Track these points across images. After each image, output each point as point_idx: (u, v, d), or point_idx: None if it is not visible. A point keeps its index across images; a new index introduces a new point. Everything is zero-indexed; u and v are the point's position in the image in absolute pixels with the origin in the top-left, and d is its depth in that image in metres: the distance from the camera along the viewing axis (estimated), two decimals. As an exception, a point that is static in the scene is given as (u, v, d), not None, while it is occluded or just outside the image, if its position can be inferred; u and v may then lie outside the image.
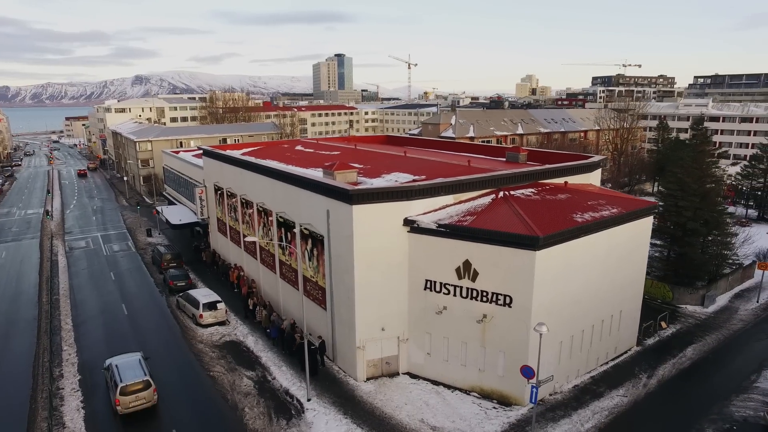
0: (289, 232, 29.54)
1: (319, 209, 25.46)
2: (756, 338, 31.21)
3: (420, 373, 25.59)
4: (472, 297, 23.26)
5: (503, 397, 23.58)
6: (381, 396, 23.95)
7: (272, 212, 31.24)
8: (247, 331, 30.66)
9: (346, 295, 24.56)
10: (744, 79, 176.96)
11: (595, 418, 22.67)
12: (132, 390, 22.09)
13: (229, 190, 38.01)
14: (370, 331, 24.69)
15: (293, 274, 29.74)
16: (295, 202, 28.10)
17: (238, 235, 37.74)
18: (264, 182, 31.63)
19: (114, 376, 22.64)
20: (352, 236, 23.23)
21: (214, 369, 26.47)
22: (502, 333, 22.91)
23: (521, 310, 22.25)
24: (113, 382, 22.55)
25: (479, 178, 26.01)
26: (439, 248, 23.58)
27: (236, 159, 35.52)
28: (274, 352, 28.21)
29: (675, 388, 25.45)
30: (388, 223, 23.82)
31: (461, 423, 22.04)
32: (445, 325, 24.23)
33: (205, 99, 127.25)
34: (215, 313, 31.36)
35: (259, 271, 34.71)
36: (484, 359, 23.72)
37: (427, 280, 24.23)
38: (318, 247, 26.46)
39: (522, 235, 21.54)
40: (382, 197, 23.33)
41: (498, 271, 22.42)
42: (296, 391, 24.40)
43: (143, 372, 22.96)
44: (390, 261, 24.24)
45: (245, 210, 35.63)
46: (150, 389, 22.56)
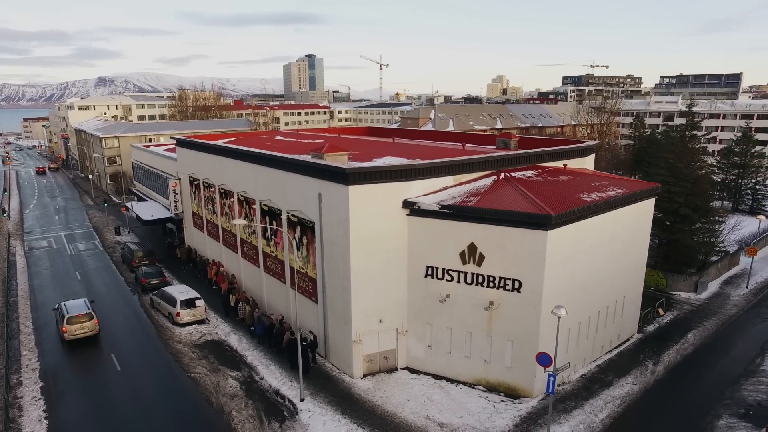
0: (274, 221, 27.48)
1: (310, 193, 23.55)
2: (752, 323, 30.88)
3: (420, 368, 23.92)
4: (478, 283, 21.76)
5: (511, 389, 22.14)
6: (380, 393, 22.18)
7: (255, 201, 29.10)
8: (229, 330, 28.41)
9: (341, 285, 22.71)
10: (706, 79, 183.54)
11: (608, 408, 21.47)
12: (76, 321, 26.57)
13: (206, 181, 35.59)
14: (367, 324, 22.90)
15: (279, 266, 27.68)
16: (281, 188, 26.08)
17: (216, 228, 35.35)
18: (246, 169, 29.47)
19: (62, 311, 27.08)
20: (348, 220, 21.41)
21: (195, 370, 24.17)
22: (510, 321, 21.47)
23: (531, 295, 20.86)
24: (61, 315, 26.95)
25: (480, 159, 24.61)
26: (442, 231, 22.01)
27: (215, 146, 33.20)
28: (260, 350, 26.08)
29: (683, 375, 24.59)
30: (387, 205, 22.11)
31: (470, 418, 20.48)
32: (448, 315, 22.66)
33: (174, 97, 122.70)
34: (194, 310, 28.98)
35: (240, 265, 32.45)
36: (491, 350, 22.24)
37: (429, 266, 22.62)
38: (308, 235, 24.52)
39: (533, 213, 20.17)
40: (379, 177, 21.60)
41: (506, 254, 20.99)
42: (287, 391, 22.39)
43: (87, 308, 27.52)
44: (388, 247, 22.52)
45: (224, 201, 33.31)
46: (92, 320, 27.03)
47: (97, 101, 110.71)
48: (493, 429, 19.83)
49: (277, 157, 25.94)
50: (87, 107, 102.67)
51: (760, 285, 37.31)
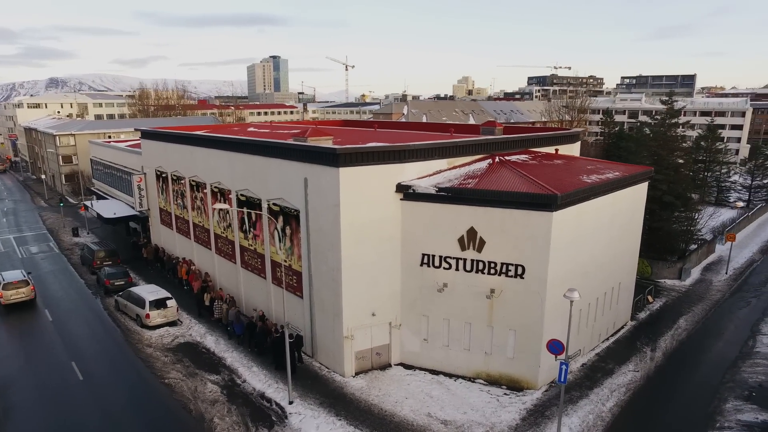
0: (253, 212, 25.50)
1: (295, 179, 21.77)
2: (737, 306, 30.95)
3: (416, 363, 22.46)
4: (478, 270, 20.50)
5: (513, 382, 20.96)
6: (376, 391, 20.59)
7: (231, 192, 27.02)
8: (205, 331, 26.20)
9: (330, 277, 21.02)
10: (664, 80, 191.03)
11: (614, 396, 20.58)
12: (12, 286, 28.95)
13: (175, 174, 33.13)
14: (358, 318, 21.28)
15: (259, 260, 25.70)
16: (261, 176, 24.16)
17: (186, 224, 32.94)
18: (220, 158, 27.35)
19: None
20: (339, 205, 19.77)
21: (169, 376, 21.94)
22: (512, 309, 20.29)
23: (535, 281, 19.74)
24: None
25: (474, 141, 23.44)
26: (439, 216, 20.65)
27: (185, 136, 30.87)
28: (239, 351, 24.04)
29: (681, 359, 24.09)
30: (379, 189, 20.59)
31: (474, 414, 19.14)
32: (446, 305, 21.30)
33: (134, 96, 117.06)
34: (165, 311, 26.61)
35: (214, 262, 30.21)
36: (491, 341, 21.01)
37: (424, 254, 21.21)
38: (292, 225, 22.71)
39: (538, 194, 19.05)
40: (372, 159, 20.06)
41: (508, 238, 19.80)
42: (273, 393, 20.50)
43: (23, 275, 30.02)
44: (381, 234, 20.99)
45: (195, 194, 31.00)
46: (28, 287, 29.41)
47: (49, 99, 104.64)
48: (500, 424, 18.57)
49: (257, 142, 24.03)
50: (38, 105, 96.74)
51: (737, 271, 37.74)
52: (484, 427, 18.35)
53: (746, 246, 43.82)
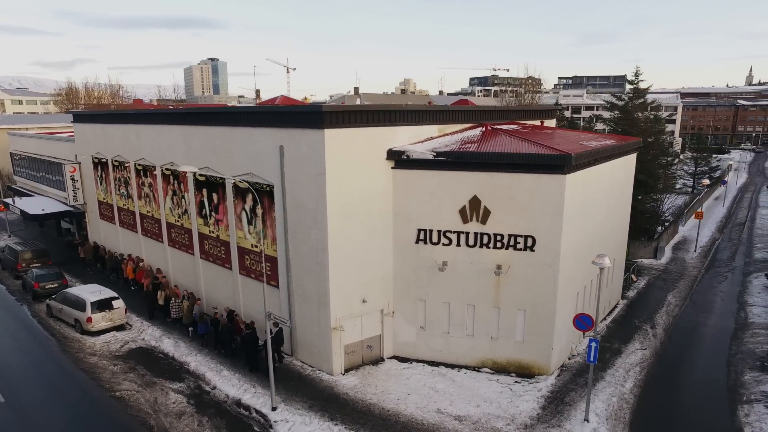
0: (214, 194, 22.11)
1: (268, 148, 18.73)
2: (717, 281, 30.86)
3: (412, 355, 19.95)
4: (482, 244, 18.30)
5: (524, 368, 18.91)
6: (372, 389, 17.87)
7: (186, 173, 23.43)
8: (160, 333, 22.45)
9: (314, 259, 18.13)
10: (598, 80, 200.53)
11: (631, 377, 19.00)
12: None
13: (117, 160, 28.90)
14: (348, 305, 18.50)
15: (223, 248, 22.32)
16: (224, 150, 20.87)
17: (132, 216, 28.78)
18: (173, 135, 23.71)
19: None
20: (324, 174, 16.95)
21: (120, 387, 18.17)
22: (521, 286, 18.24)
23: (547, 252, 17.78)
24: None
25: (466, 108, 21.44)
26: (437, 185, 18.30)
27: (131, 114, 26.90)
28: (204, 354, 20.57)
29: (683, 335, 23.09)
30: (368, 156, 17.97)
31: (489, 406, 16.87)
32: (446, 287, 18.95)
33: (61, 94, 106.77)
34: (111, 313, 22.61)
35: (167, 256, 26.36)
36: (498, 324, 18.86)
37: (421, 229, 18.77)
38: (264, 203, 19.62)
39: (551, 154, 17.10)
40: (360, 120, 17.40)
41: (516, 206, 17.74)
42: (251, 399, 17.33)
43: None
44: (371, 208, 18.36)
45: (143, 180, 27.02)
46: None
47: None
48: (519, 415, 16.39)
49: (221, 110, 20.79)
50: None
51: (704, 249, 38.12)
52: (503, 420, 16.10)
53: (704, 226, 44.76)
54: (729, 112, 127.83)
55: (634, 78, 36.45)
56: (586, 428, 15.62)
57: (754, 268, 32.71)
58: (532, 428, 15.75)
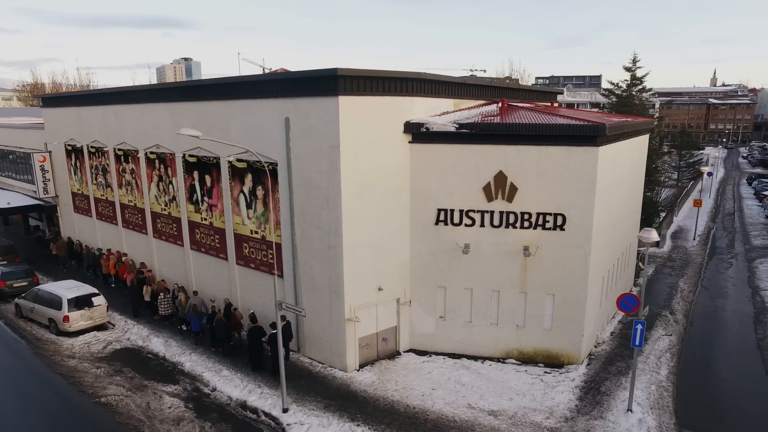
0: (207, 176, 20.15)
1: (271, 122, 16.94)
2: (723, 267, 30.39)
3: (430, 347, 18.40)
4: (508, 224, 16.91)
5: (552, 358, 17.57)
6: (392, 385, 16.23)
7: (174, 155, 21.40)
8: (148, 332, 20.32)
9: (325, 243, 16.40)
10: (574, 80, 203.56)
11: (664, 364, 17.89)
12: None
13: (93, 146, 26.52)
14: (363, 294, 16.83)
15: (217, 237, 20.36)
16: (220, 126, 18.92)
17: (111, 207, 26.44)
18: (159, 114, 21.62)
19: None
20: (338, 146, 15.28)
21: (106, 392, 16.04)
22: (550, 268, 16.90)
23: (578, 231, 16.50)
24: None
25: (484, 82, 20.00)
26: (459, 161, 16.82)
27: (110, 93, 24.59)
28: (200, 353, 18.58)
29: (705, 320, 22.34)
30: (384, 128, 16.37)
31: (522, 399, 15.44)
32: (468, 272, 17.48)
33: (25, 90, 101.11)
34: (91, 311, 20.37)
35: (151, 249, 24.16)
36: (525, 310, 17.48)
37: (441, 209, 17.26)
38: (266, 183, 17.79)
39: (583, 125, 15.83)
40: (377, 87, 15.76)
41: (545, 181, 16.41)
42: (258, 401, 15.48)
43: None
44: (387, 186, 16.76)
45: (124, 166, 24.76)
46: None
47: None
48: (557, 408, 15.01)
49: (215, 82, 18.78)
50: None
51: (702, 237, 37.82)
52: (541, 413, 14.69)
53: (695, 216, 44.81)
54: (701, 111, 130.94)
55: (632, 65, 35.84)
56: (632, 419, 14.35)
57: (756, 254, 32.40)
58: (573, 421, 14.39)
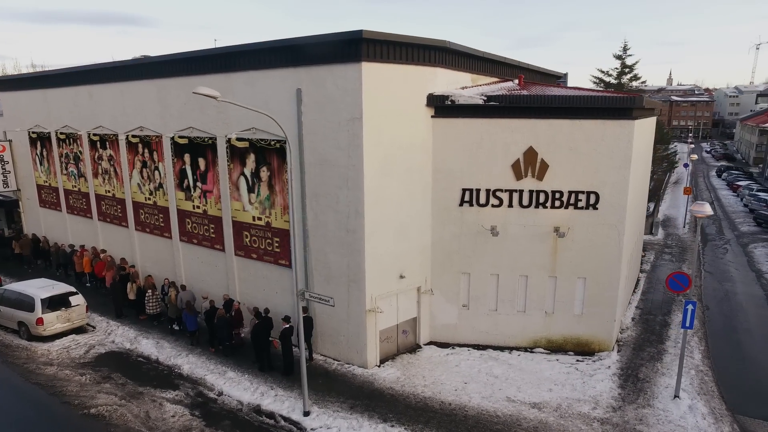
0: (201, 159, 18.26)
1: (278, 95, 15.28)
2: (720, 253, 30.63)
3: (452, 339, 17.13)
4: (538, 203, 15.83)
5: (582, 345, 16.60)
6: (420, 381, 14.87)
7: (161, 137, 19.38)
8: (135, 333, 18.24)
9: (343, 227, 14.89)
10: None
11: (694, 347, 17.22)
12: None
13: (63, 132, 24.04)
14: (384, 282, 15.39)
15: (212, 227, 18.49)
16: (217, 103, 17.09)
17: (85, 199, 24.02)
18: (144, 91, 19.53)
19: None
20: (361, 118, 13.81)
21: (96, 402, 14.01)
22: (582, 251, 15.92)
23: (612, 211, 15.57)
24: None
25: (500, 59, 18.74)
26: (486, 136, 15.62)
27: (82, 70, 22.15)
28: (197, 354, 16.72)
29: (721, 303, 22.03)
30: (406, 101, 15.00)
31: (562, 389, 14.37)
32: (494, 256, 16.31)
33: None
34: (68, 312, 18.14)
35: (132, 243, 21.97)
36: (554, 296, 16.44)
37: (465, 189, 16.02)
38: (272, 163, 16.12)
39: (620, 96, 14.92)
40: (400, 54, 14.35)
41: (577, 158, 15.40)
42: (274, 405, 13.82)
43: None
44: (409, 164, 15.40)
45: (100, 153, 22.46)
46: None
47: None
48: (600, 397, 14.01)
49: (212, 53, 16.90)
50: None
51: (691, 225, 38.08)
52: (587, 404, 13.64)
53: (677, 205, 45.41)
54: (665, 108, 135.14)
55: (622, 53, 35.71)
56: (682, 405, 13.48)
57: (747, 240, 32.72)
58: (621, 410, 13.40)
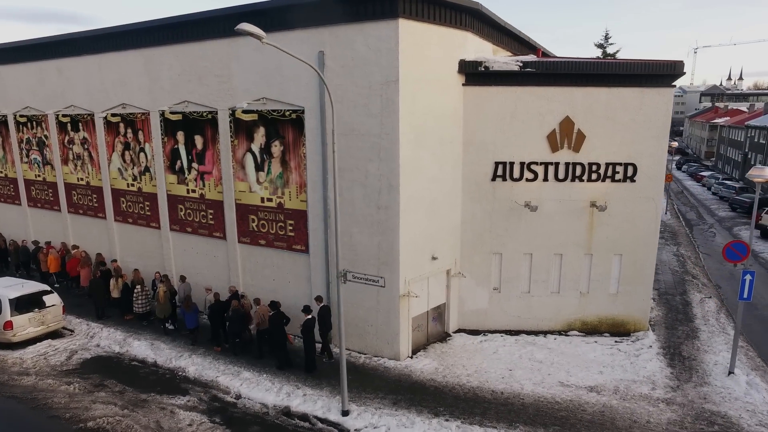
0: (198, 136, 16.32)
1: (295, 59, 13.66)
2: (709, 236, 31.56)
3: (482, 326, 15.98)
4: (574, 177, 14.97)
5: (617, 326, 15.87)
6: (461, 371, 13.61)
7: (149, 115, 17.25)
8: (123, 335, 16.02)
9: (373, 203, 13.45)
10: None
11: (725, 324, 16.86)
12: None
13: (25, 114, 21.28)
14: (418, 264, 14.05)
15: (211, 212, 16.56)
16: (218, 72, 15.26)
17: (51, 190, 21.35)
18: (129, 63, 17.31)
19: None
20: (398, 81, 12.46)
21: (93, 413, 11.87)
22: (618, 225, 15.19)
23: (649, 183, 14.94)
24: None
25: (520, 33, 17.82)
26: (520, 105, 14.61)
27: (49, 42, 19.53)
28: (201, 354, 14.78)
29: (730, 282, 22.29)
30: (439, 66, 13.78)
31: (613, 371, 13.51)
32: (528, 234, 15.32)
33: None
34: (42, 314, 15.71)
35: (112, 236, 19.60)
36: (590, 274, 15.62)
37: (498, 162, 14.95)
38: (287, 136, 14.48)
39: (662, 62, 14.21)
40: (434, 14, 13.11)
41: (615, 127, 14.66)
42: (305, 406, 12.19)
43: None
44: (442, 134, 14.18)
45: (71, 137, 19.94)
46: None
47: None
48: (655, 377, 13.25)
49: (213, 15, 15.02)
50: None
51: (671, 211, 38.85)
52: (645, 385, 12.83)
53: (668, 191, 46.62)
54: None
55: (604, 42, 36.03)
56: (740, 381, 12.90)
57: (730, 224, 33.55)
58: (681, 390, 12.66)
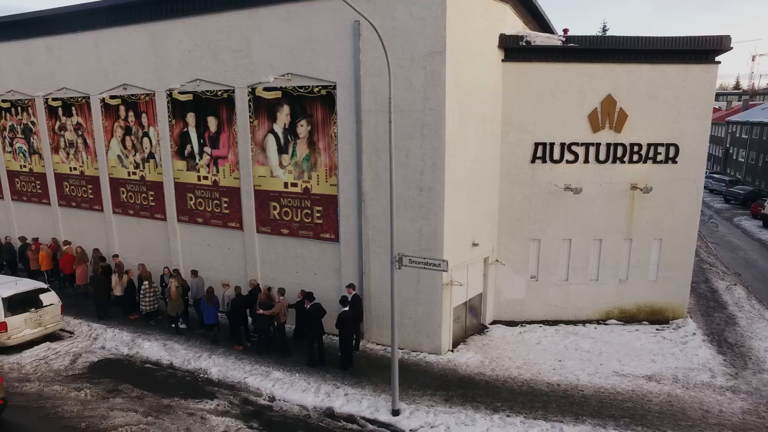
0: (212, 118, 15.06)
1: (326, 30, 12.63)
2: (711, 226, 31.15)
3: (518, 316, 15.22)
4: (616, 158, 14.37)
5: (655, 313, 15.36)
6: (509, 363, 12.80)
7: (154, 96, 15.88)
8: (131, 336, 14.62)
9: (414, 185, 12.51)
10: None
11: (759, 309, 16.57)
12: None
13: (8, 99, 19.52)
14: (460, 251, 13.15)
15: (225, 201, 15.32)
16: (235, 47, 14.05)
17: (39, 182, 19.64)
18: (132, 39, 15.87)
19: None
20: (444, 52, 11.56)
21: (113, 422, 10.53)
22: (659, 208, 14.66)
23: (691, 164, 14.46)
24: None
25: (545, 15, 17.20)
26: (561, 83, 13.92)
27: (38, 18, 17.84)
28: (222, 354, 13.54)
29: (747, 269, 22.24)
30: (481, 38, 12.96)
31: (665, 360, 12.94)
32: (567, 218, 14.64)
33: None
34: (39, 314, 14.18)
35: (110, 230, 18.07)
36: (629, 260, 15.05)
37: (538, 143, 14.22)
38: (315, 115, 13.40)
39: (707, 36, 13.69)
40: (479, -19, 12.30)
41: (658, 106, 14.12)
42: (349, 406, 11.15)
43: None
44: (483, 113, 13.36)
45: (63, 122, 18.32)
46: None
47: None
48: (711, 365, 12.75)
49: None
50: None
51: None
52: (703, 372, 12.29)
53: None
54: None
55: (601, 33, 35.99)
56: (796, 366, 12.48)
57: (728, 215, 33.70)
58: (742, 378, 12.16)
